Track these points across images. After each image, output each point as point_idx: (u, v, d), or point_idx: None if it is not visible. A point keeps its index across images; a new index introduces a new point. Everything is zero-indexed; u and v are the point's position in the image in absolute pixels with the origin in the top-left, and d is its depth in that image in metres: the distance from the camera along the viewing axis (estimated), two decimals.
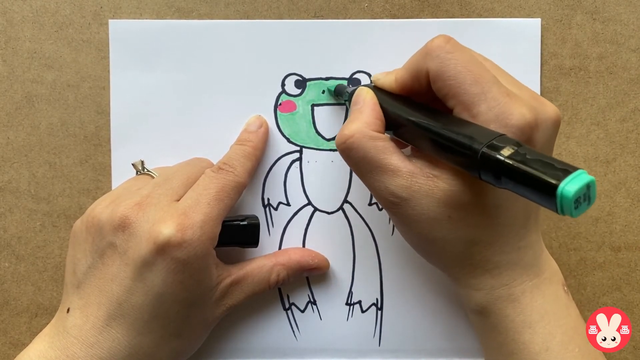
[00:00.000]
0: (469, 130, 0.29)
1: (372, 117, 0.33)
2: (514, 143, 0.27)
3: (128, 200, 0.33)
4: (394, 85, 0.34)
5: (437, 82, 0.31)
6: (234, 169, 0.36)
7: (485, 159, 0.27)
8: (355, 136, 0.32)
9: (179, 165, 0.38)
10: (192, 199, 0.34)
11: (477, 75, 0.30)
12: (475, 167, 0.27)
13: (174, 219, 0.32)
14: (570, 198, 0.23)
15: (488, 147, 0.27)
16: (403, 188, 0.31)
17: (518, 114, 0.29)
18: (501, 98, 0.29)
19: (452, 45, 0.31)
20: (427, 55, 0.31)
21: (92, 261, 0.33)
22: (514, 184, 0.26)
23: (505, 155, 0.26)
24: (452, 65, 0.30)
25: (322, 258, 0.39)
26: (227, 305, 0.36)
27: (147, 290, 0.32)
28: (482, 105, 0.29)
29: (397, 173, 0.31)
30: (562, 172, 0.24)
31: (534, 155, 0.26)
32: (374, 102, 0.34)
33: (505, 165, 0.26)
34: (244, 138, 0.38)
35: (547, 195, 0.24)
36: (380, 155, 0.31)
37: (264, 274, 0.37)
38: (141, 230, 0.32)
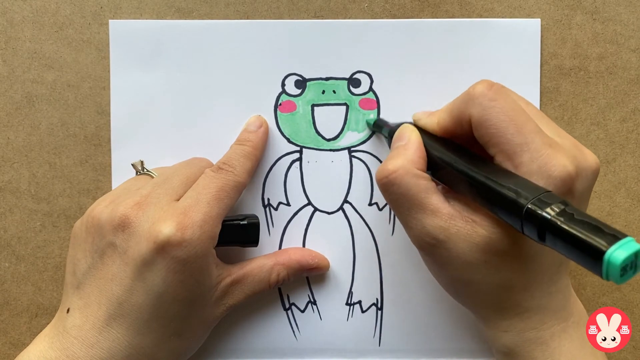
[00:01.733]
0: (513, 182, 0.28)
1: (417, 156, 0.33)
2: (560, 201, 0.26)
3: (128, 200, 0.33)
4: (436, 128, 0.34)
5: (480, 130, 0.31)
6: (233, 169, 0.36)
7: (531, 215, 0.26)
8: (399, 172, 0.31)
9: (178, 165, 0.38)
10: (192, 198, 0.34)
11: (519, 124, 0.30)
12: (519, 221, 0.27)
13: (174, 218, 0.32)
14: (618, 266, 0.23)
15: (534, 203, 0.26)
16: (441, 229, 0.31)
17: (560, 166, 0.29)
18: (544, 149, 0.29)
19: (495, 91, 0.31)
20: (469, 101, 0.31)
21: (92, 261, 0.33)
22: (558, 244, 0.25)
23: (552, 214, 0.26)
24: (495, 113, 0.30)
25: (322, 258, 0.39)
26: (227, 304, 0.36)
27: (147, 289, 0.32)
28: (525, 155, 0.29)
29: (436, 214, 0.31)
30: (611, 238, 0.24)
31: (582, 216, 0.25)
32: (419, 141, 0.34)
33: (552, 224, 0.25)
34: (243, 138, 0.38)
35: (593, 260, 0.24)
36: (422, 194, 0.31)
37: (264, 274, 0.37)
38: (141, 229, 0.32)
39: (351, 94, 0.40)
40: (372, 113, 0.40)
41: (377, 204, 0.40)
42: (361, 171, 0.40)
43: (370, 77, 0.40)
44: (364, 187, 0.40)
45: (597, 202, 0.40)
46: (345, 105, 0.40)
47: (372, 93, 0.40)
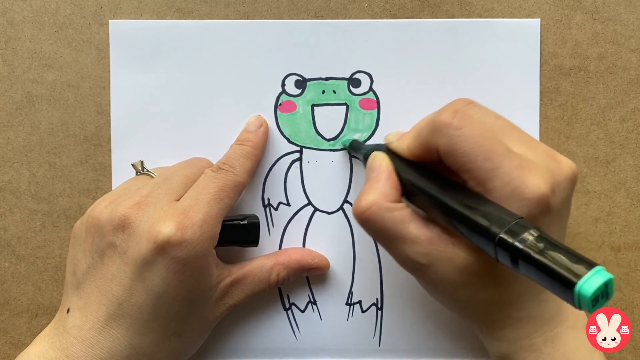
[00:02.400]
0: (486, 209, 0.28)
1: (388, 187, 0.32)
2: (532, 228, 0.26)
3: (128, 200, 0.33)
4: (407, 153, 0.34)
5: (448, 159, 0.31)
6: (233, 169, 0.36)
7: (503, 244, 0.27)
8: (372, 209, 0.31)
9: (178, 165, 0.38)
10: (191, 198, 0.34)
11: (488, 150, 0.29)
12: (492, 249, 0.27)
13: (174, 218, 0.32)
14: (589, 297, 0.23)
15: (506, 232, 0.27)
16: (423, 255, 0.31)
17: (533, 187, 0.28)
18: (515, 172, 0.29)
19: (460, 118, 0.30)
20: (435, 132, 0.31)
21: (92, 261, 0.33)
22: (531, 273, 0.26)
23: (524, 244, 0.26)
24: (462, 142, 0.30)
25: (322, 258, 0.39)
26: (227, 304, 0.36)
27: (147, 289, 0.32)
28: (496, 181, 0.29)
29: (416, 242, 0.31)
30: (582, 267, 0.24)
31: (553, 245, 0.26)
32: (389, 171, 0.33)
33: (524, 253, 0.26)
34: (243, 138, 0.38)
35: (565, 290, 0.24)
36: (399, 226, 0.31)
37: (264, 274, 0.37)
38: (141, 229, 0.32)
39: (351, 94, 0.40)
40: (370, 116, 0.40)
41: None
42: (361, 171, 0.40)
43: (370, 77, 0.40)
44: None
45: (597, 202, 0.40)
46: (345, 105, 0.40)
47: (372, 93, 0.40)
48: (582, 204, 0.40)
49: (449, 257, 0.30)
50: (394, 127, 0.40)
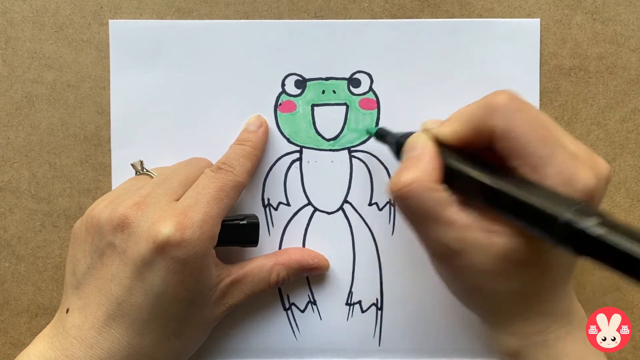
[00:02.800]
0: (543, 193, 0.28)
1: (432, 167, 0.31)
2: (598, 213, 0.25)
3: (127, 200, 0.33)
4: (451, 138, 0.32)
5: (503, 142, 0.30)
6: (233, 169, 0.36)
7: (568, 228, 0.25)
8: (413, 185, 0.30)
9: (177, 165, 0.38)
10: (191, 198, 0.34)
11: (544, 136, 0.29)
12: (553, 234, 0.26)
13: (173, 218, 0.32)
14: None
15: (573, 214, 0.25)
16: (457, 240, 0.30)
17: (585, 178, 0.28)
18: (569, 161, 0.28)
19: (519, 102, 0.30)
20: (492, 112, 0.30)
21: (91, 261, 0.33)
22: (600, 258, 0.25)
23: (593, 226, 0.25)
24: (520, 124, 0.29)
25: (322, 258, 0.40)
26: (227, 304, 0.36)
27: (147, 289, 0.32)
28: (550, 168, 0.28)
29: (452, 225, 0.30)
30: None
31: (622, 229, 0.24)
32: (434, 151, 0.32)
33: (594, 237, 0.25)
34: (243, 138, 0.38)
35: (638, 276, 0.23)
36: (438, 207, 0.30)
37: (264, 274, 0.37)
38: (140, 229, 0.32)
39: (351, 94, 0.40)
40: (370, 116, 0.40)
41: (377, 204, 0.40)
42: (361, 171, 0.40)
43: (370, 77, 0.40)
44: (364, 187, 0.40)
45: None
46: (345, 105, 0.40)
47: (372, 93, 0.40)
48: None
49: (484, 244, 0.30)
50: (393, 127, 0.40)
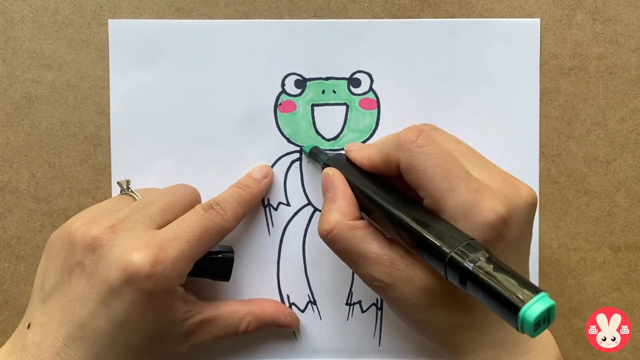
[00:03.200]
0: (439, 227, 0.29)
1: (346, 204, 0.33)
2: (482, 250, 0.27)
3: (103, 221, 0.33)
4: (366, 163, 0.35)
5: (408, 175, 0.32)
6: (224, 213, 0.35)
7: (453, 264, 0.27)
8: (335, 229, 0.32)
9: (161, 191, 0.37)
10: (172, 232, 0.33)
11: (446, 170, 0.30)
12: (442, 268, 0.28)
13: (149, 249, 0.32)
14: (531, 322, 0.24)
15: (456, 252, 0.27)
16: (386, 274, 0.31)
17: (487, 211, 0.29)
18: (470, 195, 0.29)
19: (424, 139, 0.32)
20: (398, 147, 0.32)
21: (60, 277, 0.33)
22: (479, 294, 0.26)
23: (473, 265, 0.27)
24: (422, 159, 0.31)
25: (294, 316, 0.39)
26: (191, 342, 0.35)
27: (110, 315, 0.31)
28: (451, 201, 0.30)
29: (378, 261, 0.32)
30: (526, 292, 0.25)
31: (501, 269, 0.26)
32: (343, 187, 0.34)
33: (472, 274, 0.26)
34: (245, 183, 0.38)
35: (509, 313, 0.25)
36: (361, 245, 0.32)
37: (234, 321, 0.37)
38: (111, 254, 0.32)
39: (351, 93, 0.40)
40: (370, 115, 0.40)
41: None
42: None
43: (370, 77, 0.40)
44: None
45: (597, 202, 0.40)
46: (345, 105, 0.40)
47: (372, 93, 0.40)
48: (582, 204, 0.40)
49: (409, 277, 0.31)
50: (394, 127, 0.40)
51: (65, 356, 0.31)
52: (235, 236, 0.39)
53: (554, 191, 0.40)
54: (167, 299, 0.33)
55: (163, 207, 0.35)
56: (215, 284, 0.39)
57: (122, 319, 0.31)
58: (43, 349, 0.31)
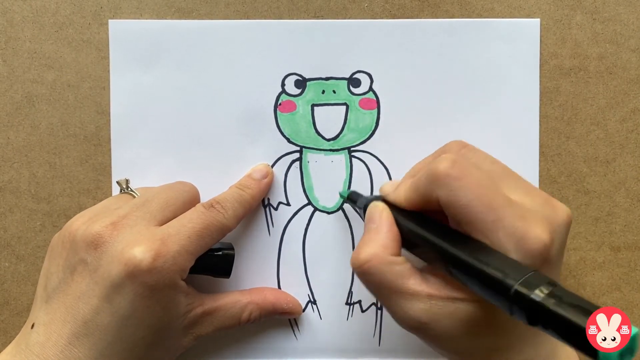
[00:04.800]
0: (495, 261, 0.27)
1: (389, 239, 0.32)
2: (548, 282, 0.26)
3: (104, 218, 0.33)
4: (405, 204, 0.33)
5: (449, 210, 0.30)
6: (225, 211, 0.35)
7: (519, 297, 0.25)
8: (372, 262, 0.31)
9: (160, 188, 0.37)
10: (174, 227, 0.33)
11: (489, 201, 0.29)
12: (506, 303, 0.26)
13: (150, 244, 0.32)
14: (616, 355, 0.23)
15: (522, 284, 0.26)
16: (423, 312, 0.30)
17: (535, 238, 0.28)
18: (517, 223, 0.28)
19: (459, 170, 0.30)
20: (434, 182, 0.30)
21: (63, 276, 0.33)
22: (549, 327, 0.25)
23: (541, 296, 0.25)
24: (463, 194, 0.29)
25: (296, 303, 0.39)
26: (194, 334, 0.35)
27: (114, 311, 0.31)
28: (499, 233, 0.28)
29: (415, 297, 0.30)
30: None
31: (570, 298, 0.25)
32: (390, 222, 0.33)
33: (542, 307, 0.25)
34: (244, 184, 0.38)
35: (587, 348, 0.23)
36: (399, 280, 0.31)
37: (236, 310, 0.37)
38: (113, 250, 0.32)
39: (351, 93, 0.40)
40: (370, 115, 0.40)
41: None
42: (361, 171, 0.40)
43: (370, 77, 0.40)
44: (363, 187, 0.40)
45: (597, 202, 0.40)
46: (345, 105, 0.40)
47: (372, 93, 0.40)
48: (582, 204, 0.40)
49: (450, 312, 0.30)
50: (394, 127, 0.40)
51: (70, 354, 0.31)
52: (235, 236, 0.39)
53: (554, 191, 0.40)
54: (170, 293, 0.33)
55: (163, 204, 0.35)
56: (216, 284, 0.39)
57: (126, 314, 0.31)
58: (47, 348, 0.31)
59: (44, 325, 0.32)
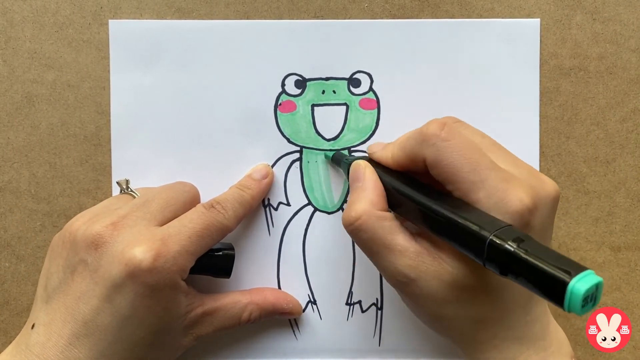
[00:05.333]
0: (473, 216, 0.29)
1: (376, 195, 0.33)
2: (520, 234, 0.27)
3: (105, 219, 0.33)
4: (391, 163, 0.34)
5: (435, 169, 0.31)
6: (225, 212, 0.35)
7: (493, 248, 0.27)
8: (363, 218, 0.32)
9: (160, 188, 0.37)
10: (174, 228, 0.33)
11: (474, 162, 0.30)
12: (481, 254, 0.27)
13: (150, 244, 0.32)
14: (580, 296, 0.23)
15: (496, 236, 0.27)
16: (411, 268, 0.31)
17: (516, 200, 0.29)
18: (500, 184, 0.29)
19: (448, 131, 0.31)
20: (422, 142, 0.31)
21: (63, 276, 0.33)
22: (521, 277, 0.26)
23: (514, 246, 0.26)
24: (449, 153, 0.30)
25: (296, 303, 0.40)
26: (194, 334, 0.35)
27: (114, 311, 0.31)
28: (481, 192, 0.29)
29: (404, 253, 0.31)
30: (572, 270, 0.24)
31: (542, 249, 0.26)
32: (375, 179, 0.34)
33: (514, 256, 0.26)
34: (245, 184, 0.38)
35: (555, 292, 0.24)
36: (388, 235, 0.31)
37: (237, 310, 0.37)
38: (114, 250, 0.32)
39: (351, 94, 0.40)
40: (370, 116, 0.40)
41: None
42: None
43: (370, 77, 0.40)
44: None
45: (597, 202, 0.40)
46: (345, 105, 0.40)
47: (372, 93, 0.40)
48: (582, 204, 0.40)
49: (436, 271, 0.30)
50: (394, 127, 0.40)
51: (70, 355, 0.31)
52: (235, 236, 0.39)
53: None
54: (170, 293, 0.33)
55: (163, 204, 0.35)
56: (216, 284, 0.39)
57: (126, 314, 0.31)
58: (47, 349, 0.31)
59: (44, 326, 0.32)
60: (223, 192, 0.37)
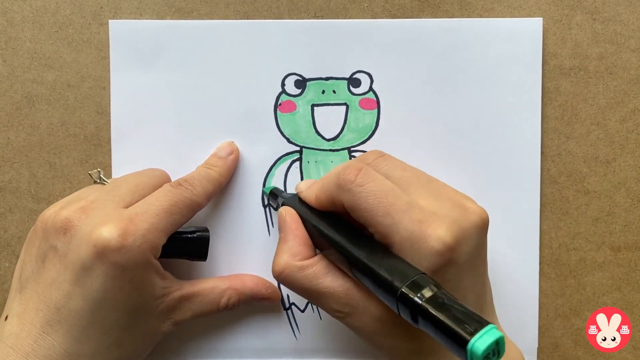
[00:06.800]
0: (389, 263, 0.29)
1: (297, 245, 0.33)
2: (433, 284, 0.27)
3: (74, 205, 0.33)
4: (315, 204, 0.35)
5: (353, 213, 0.32)
6: (193, 188, 0.35)
7: (403, 299, 0.27)
8: (285, 272, 0.33)
9: (130, 174, 0.37)
10: (141, 207, 0.33)
11: (387, 206, 0.30)
12: (394, 304, 0.28)
13: (117, 222, 0.32)
14: (480, 355, 0.24)
15: (407, 287, 0.27)
16: (342, 305, 0.32)
17: (434, 240, 0.29)
18: (414, 226, 0.29)
19: (362, 176, 0.31)
20: (339, 187, 0.32)
21: (35, 265, 0.33)
22: (429, 328, 0.26)
23: (422, 299, 0.27)
24: (363, 199, 0.31)
25: (275, 289, 0.40)
26: (173, 319, 0.35)
27: (86, 295, 0.31)
28: (396, 236, 0.30)
29: (333, 294, 0.32)
30: (474, 327, 0.25)
31: (450, 302, 0.27)
32: (295, 227, 0.34)
33: (422, 309, 0.27)
34: (211, 162, 0.38)
35: (458, 347, 0.25)
36: (313, 282, 0.32)
37: (215, 296, 0.37)
38: (81, 233, 0.32)
39: (351, 94, 0.40)
40: (370, 116, 0.40)
41: None
42: None
43: (370, 77, 0.40)
44: None
45: (597, 202, 0.40)
46: (345, 105, 0.40)
47: (372, 93, 0.40)
48: (582, 204, 0.40)
49: (365, 307, 0.31)
50: (394, 127, 0.40)
51: (44, 343, 0.31)
52: (235, 236, 0.40)
53: (554, 191, 0.40)
54: (142, 271, 0.32)
55: (132, 187, 0.35)
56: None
57: (99, 296, 0.31)
58: (21, 339, 0.31)
59: (17, 316, 0.32)
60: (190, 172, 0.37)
